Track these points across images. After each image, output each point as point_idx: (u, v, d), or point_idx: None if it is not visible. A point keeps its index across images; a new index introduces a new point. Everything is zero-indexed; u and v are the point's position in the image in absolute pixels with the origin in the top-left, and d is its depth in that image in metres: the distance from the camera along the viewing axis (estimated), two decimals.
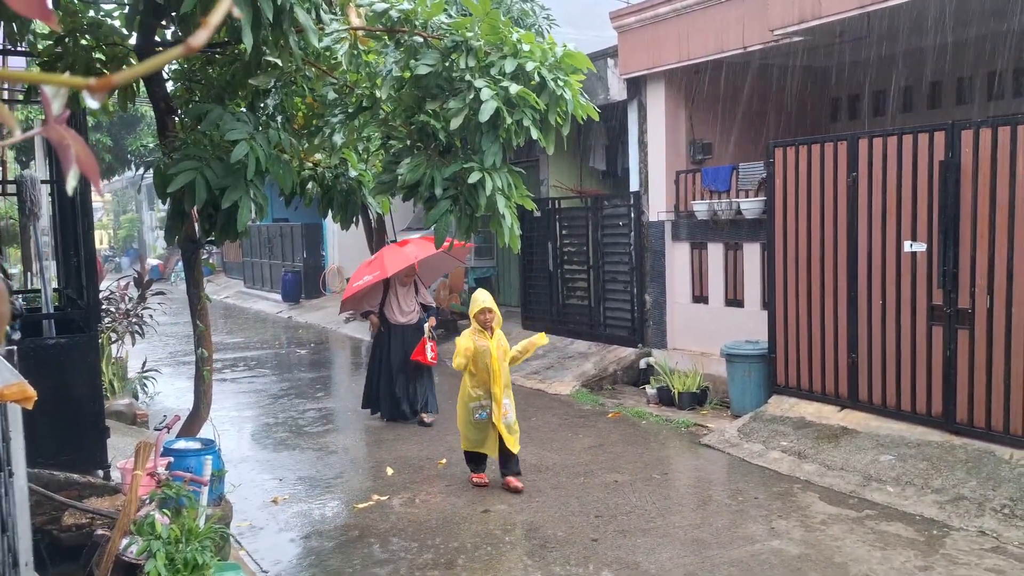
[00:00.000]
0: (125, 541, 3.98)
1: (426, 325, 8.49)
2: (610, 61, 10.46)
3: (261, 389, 10.78)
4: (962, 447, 6.33)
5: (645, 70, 10.00)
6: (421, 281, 8.97)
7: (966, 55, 8.71)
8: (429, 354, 8.37)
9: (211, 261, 26.66)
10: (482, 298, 6.37)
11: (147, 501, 4.27)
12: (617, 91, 10.52)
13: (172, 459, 4.77)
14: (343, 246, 19.53)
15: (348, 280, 8.50)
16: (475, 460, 6.64)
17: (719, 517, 5.85)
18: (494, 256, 15.12)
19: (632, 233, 10.63)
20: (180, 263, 16.83)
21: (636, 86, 10.41)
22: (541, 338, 6.59)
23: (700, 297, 9.97)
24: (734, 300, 9.46)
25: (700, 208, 9.50)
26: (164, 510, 4.23)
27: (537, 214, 11.96)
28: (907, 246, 6.88)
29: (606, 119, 12.43)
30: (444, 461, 7.27)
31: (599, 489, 6.44)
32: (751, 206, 8.92)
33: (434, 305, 8.96)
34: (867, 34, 8.41)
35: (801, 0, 7.65)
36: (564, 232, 12.00)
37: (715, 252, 9.60)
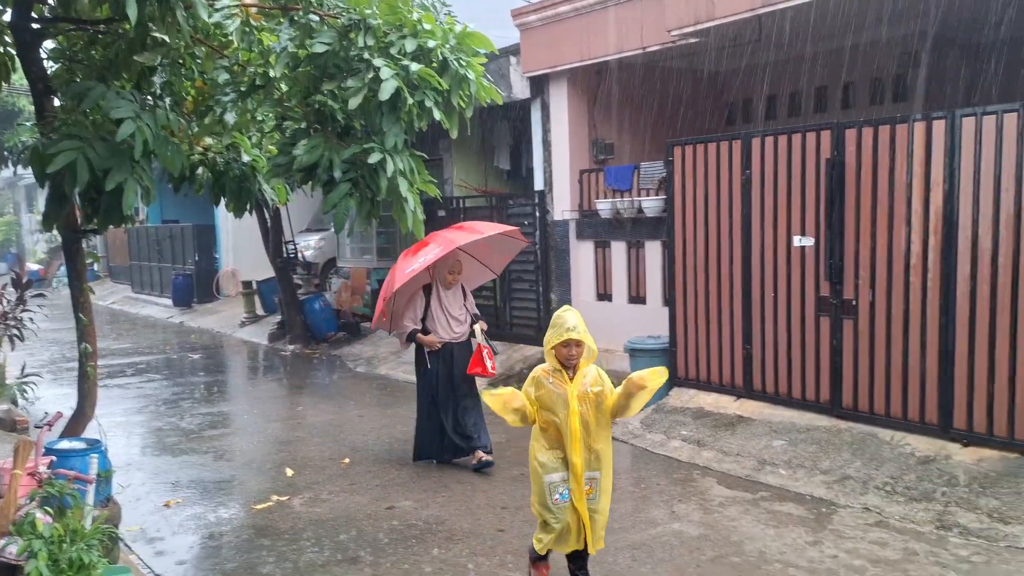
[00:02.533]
0: (2, 541, 3.71)
1: (477, 327, 6.69)
2: (513, 59, 10.52)
3: (151, 394, 10.30)
4: (848, 430, 6.63)
5: (547, 68, 10.10)
6: (465, 285, 7.01)
7: (851, 61, 9.16)
8: (488, 362, 6.64)
9: (95, 268, 25.33)
10: (569, 322, 3.99)
11: (27, 501, 4.00)
12: (520, 89, 10.59)
13: (55, 458, 4.48)
14: (238, 248, 18.93)
15: (381, 288, 6.64)
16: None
17: (623, 504, 5.91)
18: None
19: (537, 232, 10.70)
20: (63, 267, 15.95)
21: (539, 85, 10.50)
22: (660, 374, 4.03)
23: (604, 295, 10.12)
24: (637, 297, 9.65)
25: (603, 207, 9.65)
26: (46, 508, 3.96)
27: (442, 213, 11.92)
28: (796, 241, 7.16)
29: (510, 118, 12.52)
30: (347, 461, 7.11)
31: (506, 483, 6.42)
32: (652, 204, 9.12)
33: (478, 314, 7.00)
34: (759, 38, 8.74)
35: (696, 2, 7.89)
36: None
37: (618, 250, 9.77)
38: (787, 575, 4.60)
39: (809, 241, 7.06)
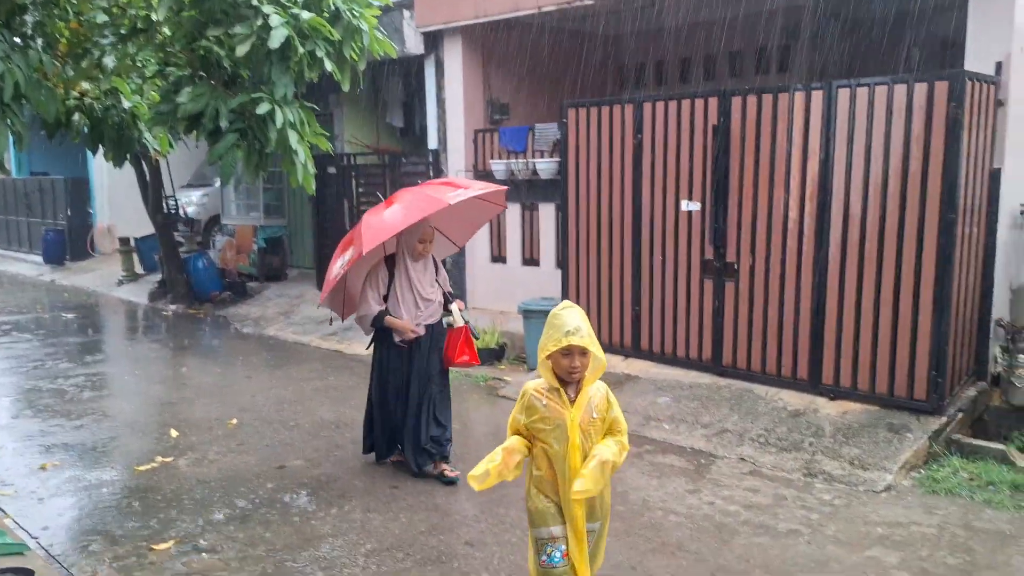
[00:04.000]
0: None
1: (455, 307, 5.54)
2: (407, 13, 10.31)
3: (22, 355, 9.72)
4: (727, 387, 6.97)
5: (442, 24, 9.96)
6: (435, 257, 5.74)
7: (739, 30, 9.45)
8: (475, 346, 5.64)
9: None
10: (570, 322, 3.10)
11: None
12: (414, 45, 10.41)
13: None
14: (115, 203, 17.97)
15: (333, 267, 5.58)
16: None
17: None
18: (285, 214, 14.53)
19: None
20: None
21: (433, 41, 10.35)
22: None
23: (499, 257, 10.19)
24: (531, 260, 9.77)
25: (498, 168, 9.66)
26: None
27: (332, 170, 11.66)
28: (684, 205, 7.40)
29: (403, 74, 12.30)
30: (235, 421, 6.95)
31: None
32: (546, 166, 9.20)
33: (452, 292, 5.75)
34: (652, 3, 8.88)
35: None
36: (360, 190, 11.76)
37: (513, 212, 9.82)
38: (667, 521, 4.84)
39: (696, 206, 7.31)
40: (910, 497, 5.16)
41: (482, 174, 10.08)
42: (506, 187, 6.03)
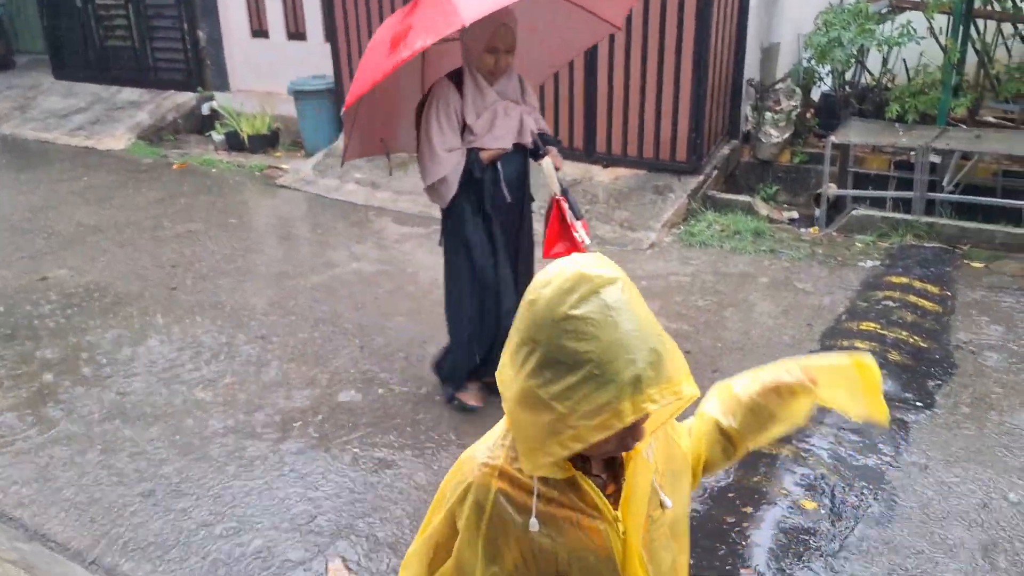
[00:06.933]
0: None
1: (546, 163, 3.46)
2: None
3: None
4: None
5: None
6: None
7: None
8: (581, 232, 3.56)
9: None
10: (636, 344, 1.12)
11: None
12: None
13: None
14: None
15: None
16: None
17: (300, 251, 5.96)
18: None
19: None
20: None
21: None
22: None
23: (260, 31, 9.32)
24: (296, 33, 9.03)
25: None
26: None
27: None
28: None
29: None
30: None
31: (172, 241, 6.10)
32: None
33: (548, 132, 3.71)
34: None
35: None
36: None
37: None
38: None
39: None
40: (671, 251, 5.70)
41: None
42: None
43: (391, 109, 3.61)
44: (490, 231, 3.56)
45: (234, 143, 8.68)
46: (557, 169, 3.47)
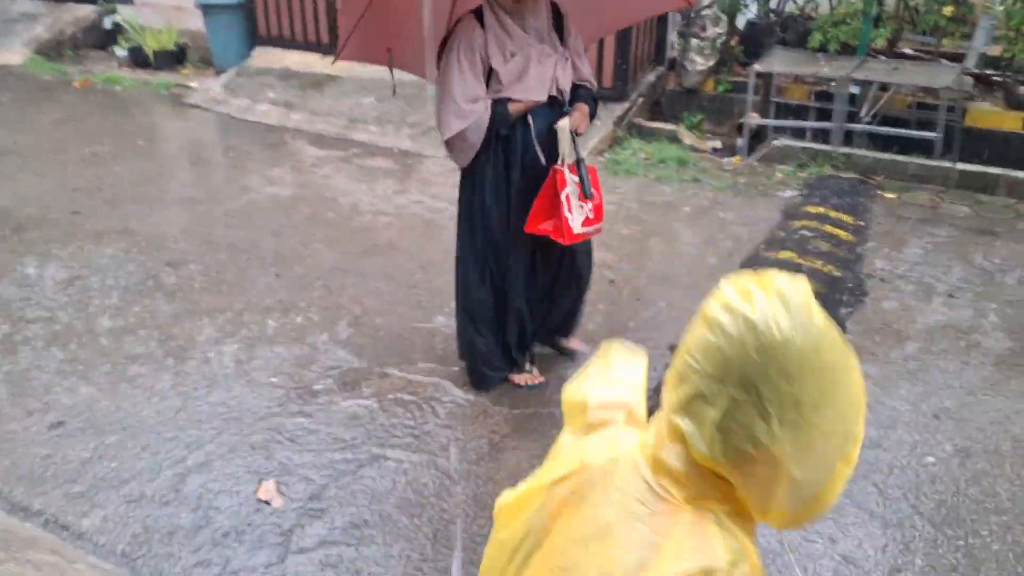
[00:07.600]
0: None
1: (564, 122, 2.95)
2: None
3: None
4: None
5: None
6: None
7: None
8: (577, 214, 3.01)
9: None
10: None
11: None
12: None
13: None
14: None
15: None
16: None
17: (213, 175, 5.71)
18: None
19: None
20: None
21: None
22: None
23: None
24: None
25: None
26: None
27: None
28: None
29: None
30: None
31: (76, 164, 5.75)
32: None
33: (592, 83, 3.17)
34: None
35: None
36: None
37: None
38: (377, 222, 4.92)
39: None
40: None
41: None
42: None
43: (407, 18, 2.96)
44: (509, 200, 3.04)
45: (139, 59, 8.17)
46: (579, 134, 2.97)
